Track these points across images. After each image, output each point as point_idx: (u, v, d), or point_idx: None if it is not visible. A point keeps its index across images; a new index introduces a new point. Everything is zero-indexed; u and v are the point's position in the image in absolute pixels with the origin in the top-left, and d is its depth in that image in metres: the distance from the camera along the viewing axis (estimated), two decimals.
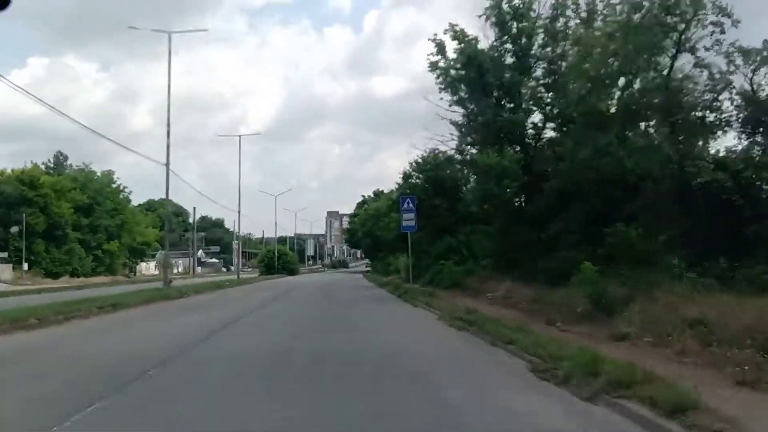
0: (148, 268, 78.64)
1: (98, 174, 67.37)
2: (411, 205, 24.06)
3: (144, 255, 73.76)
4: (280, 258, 69.24)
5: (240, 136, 47.96)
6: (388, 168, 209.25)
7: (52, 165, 70.44)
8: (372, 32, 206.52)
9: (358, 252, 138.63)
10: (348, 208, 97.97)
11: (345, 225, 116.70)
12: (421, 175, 32.06)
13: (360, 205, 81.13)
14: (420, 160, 32.56)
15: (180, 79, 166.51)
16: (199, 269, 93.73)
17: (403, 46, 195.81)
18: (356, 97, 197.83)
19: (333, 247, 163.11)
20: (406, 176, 32.87)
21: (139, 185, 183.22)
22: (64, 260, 58.38)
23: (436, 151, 31.74)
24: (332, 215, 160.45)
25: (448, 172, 31.14)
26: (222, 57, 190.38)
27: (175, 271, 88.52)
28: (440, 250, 28.01)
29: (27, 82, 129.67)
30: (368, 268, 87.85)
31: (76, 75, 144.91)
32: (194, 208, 74.09)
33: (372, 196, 76.22)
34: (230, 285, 34.86)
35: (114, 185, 68.20)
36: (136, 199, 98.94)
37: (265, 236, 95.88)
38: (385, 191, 69.77)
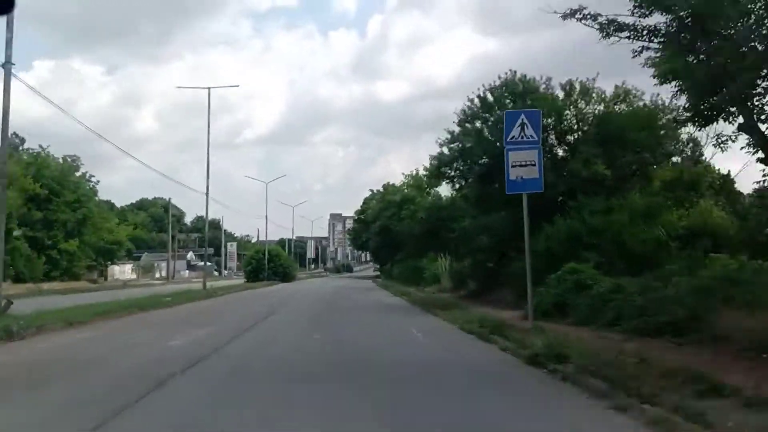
0: (123, 271, 63.85)
1: (60, 159, 52.84)
2: (531, 130, 9.38)
3: (114, 256, 58.36)
4: (272, 260, 52.63)
5: (209, 88, 33.61)
6: (393, 171, 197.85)
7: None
8: (376, 36, 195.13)
9: (363, 255, 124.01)
10: (352, 211, 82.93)
11: (349, 226, 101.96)
12: (492, 118, 17.63)
13: (367, 200, 66.11)
14: (482, 94, 18.22)
15: (184, 83, 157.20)
16: (186, 273, 79.27)
17: (407, 50, 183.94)
18: (361, 100, 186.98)
19: (336, 249, 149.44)
20: (463, 119, 18.42)
21: (141, 189, 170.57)
22: (6, 262, 43.97)
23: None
24: (335, 218, 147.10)
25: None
26: (226, 60, 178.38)
27: (157, 275, 74.36)
28: (555, 245, 13.47)
29: (33, 85, 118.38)
30: (377, 273, 72.92)
31: (82, 78, 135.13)
32: (169, 198, 58.98)
33: (381, 190, 61.27)
34: (173, 301, 19.88)
35: (78, 173, 53.57)
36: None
37: (260, 237, 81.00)
38: (397, 185, 55.23)
